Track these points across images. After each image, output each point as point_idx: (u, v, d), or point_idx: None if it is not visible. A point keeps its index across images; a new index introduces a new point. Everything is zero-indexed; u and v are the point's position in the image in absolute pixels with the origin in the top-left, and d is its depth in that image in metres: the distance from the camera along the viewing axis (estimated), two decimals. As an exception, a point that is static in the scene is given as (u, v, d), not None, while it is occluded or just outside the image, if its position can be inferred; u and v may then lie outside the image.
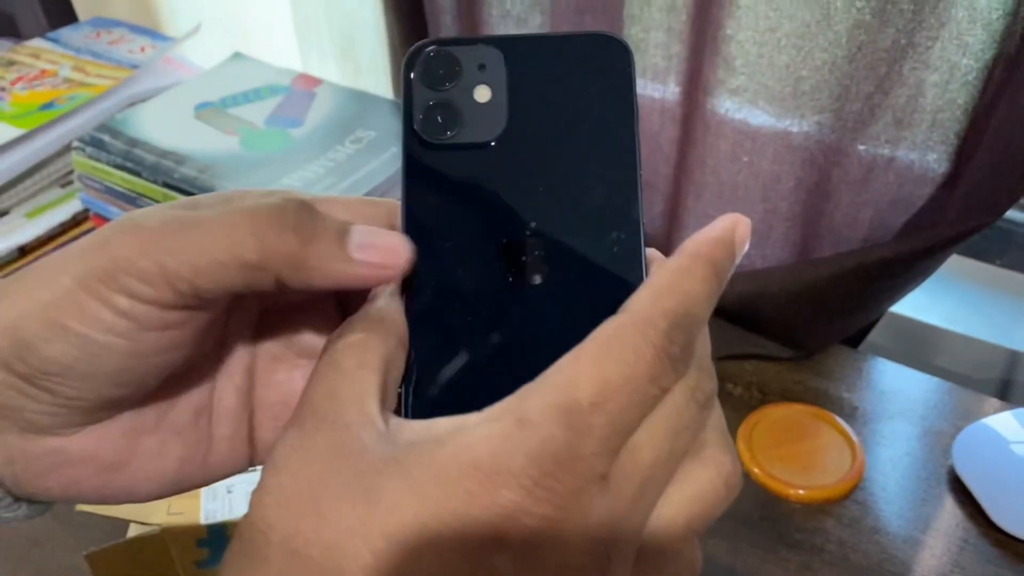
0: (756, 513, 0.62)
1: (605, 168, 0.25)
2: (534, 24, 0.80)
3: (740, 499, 0.62)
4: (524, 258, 0.25)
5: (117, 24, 1.02)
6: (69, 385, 0.23)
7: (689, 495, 0.22)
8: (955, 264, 0.84)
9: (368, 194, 0.73)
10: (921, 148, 0.68)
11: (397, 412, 0.23)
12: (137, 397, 0.25)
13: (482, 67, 0.26)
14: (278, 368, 0.28)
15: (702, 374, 0.22)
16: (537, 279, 0.24)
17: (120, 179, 0.78)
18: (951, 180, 0.67)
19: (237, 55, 0.93)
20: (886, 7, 0.61)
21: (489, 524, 0.19)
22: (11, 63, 0.96)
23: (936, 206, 0.68)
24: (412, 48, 0.26)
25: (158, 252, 0.22)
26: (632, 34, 0.75)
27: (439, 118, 0.26)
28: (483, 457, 0.19)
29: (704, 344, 0.23)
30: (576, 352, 0.21)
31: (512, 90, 0.26)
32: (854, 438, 0.66)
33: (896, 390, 0.71)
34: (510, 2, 0.79)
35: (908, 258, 0.62)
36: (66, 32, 1.02)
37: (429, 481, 0.19)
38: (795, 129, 0.68)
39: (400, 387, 0.23)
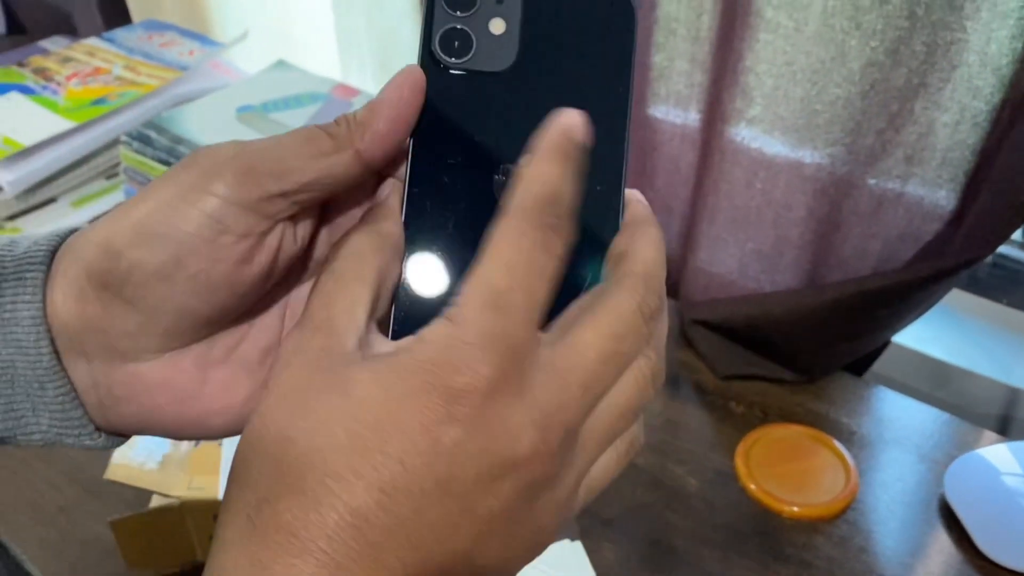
0: (749, 527, 0.65)
1: (599, 112, 0.27)
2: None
3: (735, 512, 0.65)
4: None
5: (169, 27, 1.08)
6: (152, 294, 0.26)
7: (624, 388, 0.26)
8: (963, 300, 0.86)
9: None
10: (931, 185, 0.70)
11: (386, 321, 0.26)
12: (211, 318, 0.28)
13: (500, 1, 0.28)
14: None
15: (649, 292, 0.26)
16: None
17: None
18: (957, 217, 0.69)
19: (280, 63, 0.97)
20: (899, 48, 0.64)
21: (442, 405, 0.22)
22: (67, 59, 1.01)
23: (941, 241, 0.70)
24: None
25: (249, 156, 0.26)
26: (657, 62, 0.78)
27: (455, 43, 0.28)
28: (435, 354, 0.23)
29: (656, 268, 0.26)
30: (480, 255, 0.24)
31: (524, 27, 0.28)
32: (849, 460, 0.68)
33: (894, 418, 0.73)
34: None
35: (907, 287, 0.64)
36: (120, 33, 1.07)
37: (393, 376, 0.23)
38: (808, 160, 0.71)
39: (392, 299, 0.26)
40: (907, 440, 0.71)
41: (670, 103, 0.80)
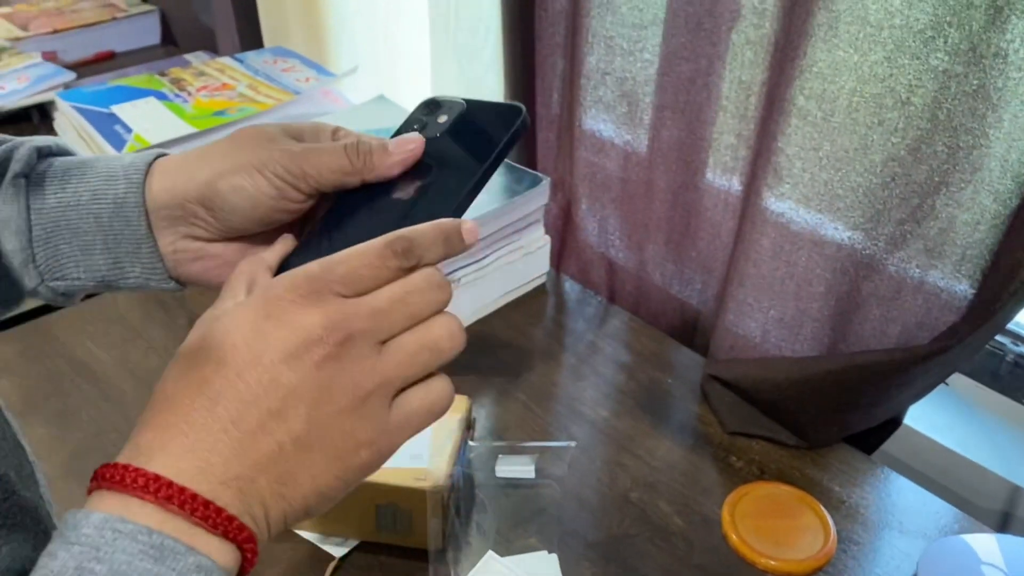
0: (722, 572, 0.69)
1: (456, 179, 0.45)
2: (620, 112, 0.90)
3: (712, 556, 0.70)
4: (395, 207, 0.45)
5: (293, 55, 1.21)
6: (230, 216, 0.47)
7: (422, 333, 0.39)
8: (982, 395, 0.87)
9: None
10: (950, 278, 0.73)
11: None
12: (255, 232, 0.49)
13: (450, 108, 0.49)
14: None
15: (400, 239, 0.38)
16: (390, 216, 0.44)
17: (260, 182, 0.94)
18: (972, 309, 0.73)
19: (381, 97, 1.08)
20: (920, 146, 0.68)
21: (261, 308, 0.36)
22: (202, 73, 1.15)
23: (954, 330, 0.73)
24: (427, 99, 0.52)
25: (302, 162, 0.46)
26: (710, 134, 0.85)
27: (415, 123, 0.50)
28: (267, 285, 0.38)
29: (420, 236, 0.39)
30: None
31: (455, 122, 0.48)
32: (831, 525, 0.71)
33: (886, 495, 0.76)
34: (603, 90, 0.90)
35: (899, 365, 0.68)
36: (250, 55, 1.21)
37: (247, 303, 0.38)
38: (830, 238, 0.76)
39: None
40: (893, 517, 0.74)
41: (717, 172, 0.86)
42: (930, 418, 0.85)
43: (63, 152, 0.51)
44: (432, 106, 0.50)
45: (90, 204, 0.48)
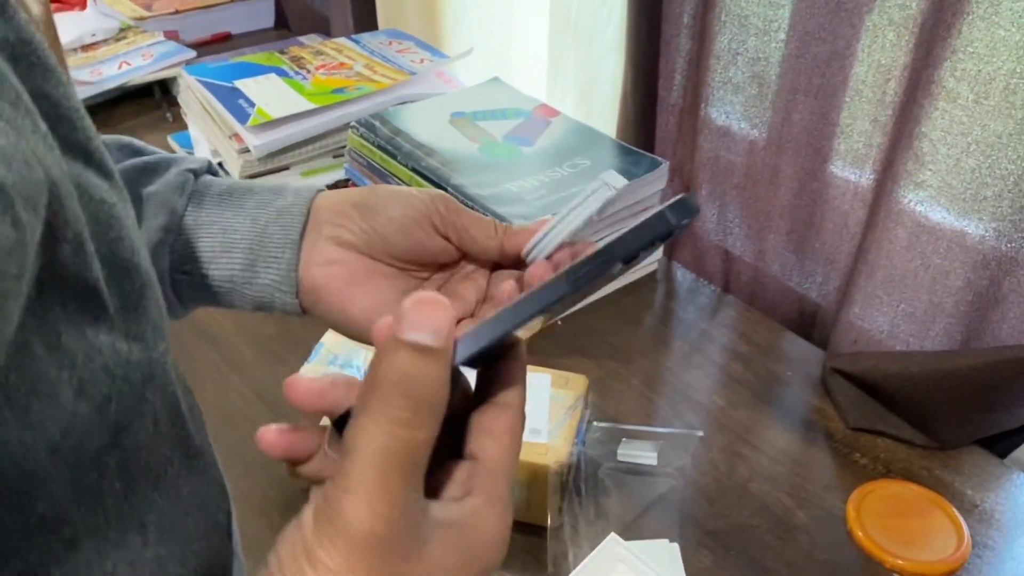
0: (848, 568, 0.67)
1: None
2: (750, 94, 0.88)
3: (836, 552, 0.67)
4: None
5: (408, 37, 1.22)
6: (377, 222, 0.47)
7: None
8: None
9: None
10: (1102, 277, 0.69)
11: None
12: (390, 260, 0.48)
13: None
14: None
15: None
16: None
17: (380, 158, 0.94)
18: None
19: (495, 79, 1.08)
20: (1082, 133, 0.65)
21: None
22: (320, 52, 1.17)
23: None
24: None
25: (456, 213, 0.47)
26: (842, 120, 0.82)
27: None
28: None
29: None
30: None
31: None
32: (964, 528, 0.68)
33: (1022, 502, 0.72)
34: (733, 71, 0.88)
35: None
36: (366, 36, 1.22)
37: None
38: (972, 230, 0.72)
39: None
40: (1032, 525, 0.70)
41: (847, 160, 0.83)
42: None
43: (214, 173, 0.53)
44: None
45: (252, 208, 0.50)
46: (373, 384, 0.29)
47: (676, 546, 0.66)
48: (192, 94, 1.09)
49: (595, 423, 0.71)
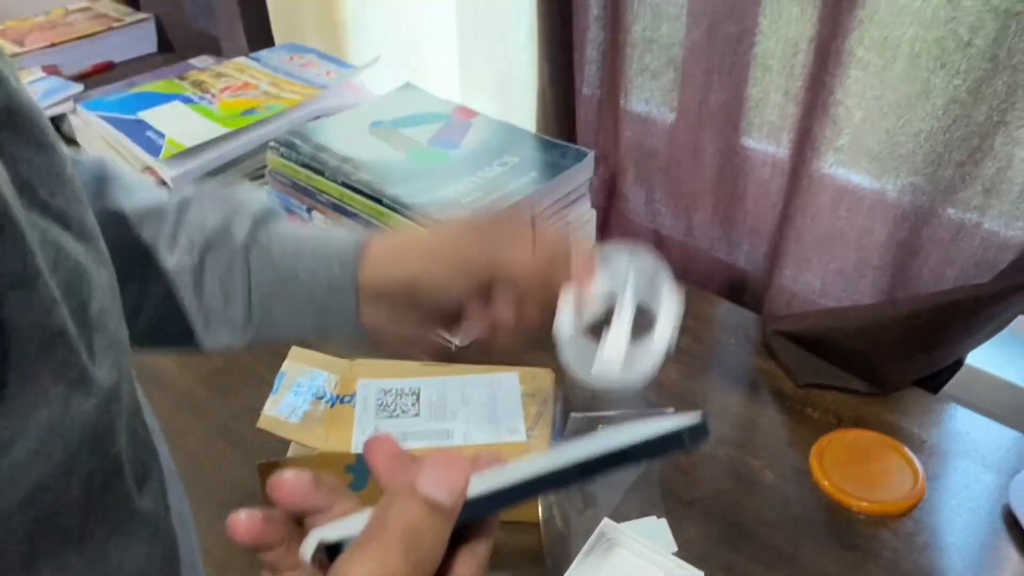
0: (820, 517, 0.70)
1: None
2: (667, 79, 0.91)
3: (807, 504, 0.71)
4: None
5: (308, 50, 1.20)
6: (426, 304, 0.53)
7: None
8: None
9: (510, 207, 0.85)
10: (1008, 216, 0.75)
11: None
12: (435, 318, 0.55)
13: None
14: None
15: None
16: None
17: (305, 176, 0.93)
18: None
19: (408, 85, 1.08)
20: (981, 87, 0.70)
21: None
22: (220, 75, 1.14)
23: (1016, 268, 0.75)
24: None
25: (502, 268, 0.51)
26: (753, 94, 0.86)
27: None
28: None
29: None
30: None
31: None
32: (918, 465, 0.73)
33: (963, 431, 0.78)
34: (649, 58, 0.91)
35: (980, 301, 0.70)
36: (265, 53, 1.20)
37: None
38: (890, 187, 0.77)
39: None
40: (975, 452, 0.75)
41: (764, 132, 0.87)
42: (991, 355, 0.87)
43: (273, 213, 0.56)
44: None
45: (306, 283, 0.54)
46: (379, 528, 0.30)
47: (664, 521, 0.68)
48: (93, 130, 1.04)
49: (572, 414, 0.72)
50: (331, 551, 0.32)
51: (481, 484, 0.32)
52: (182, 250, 0.53)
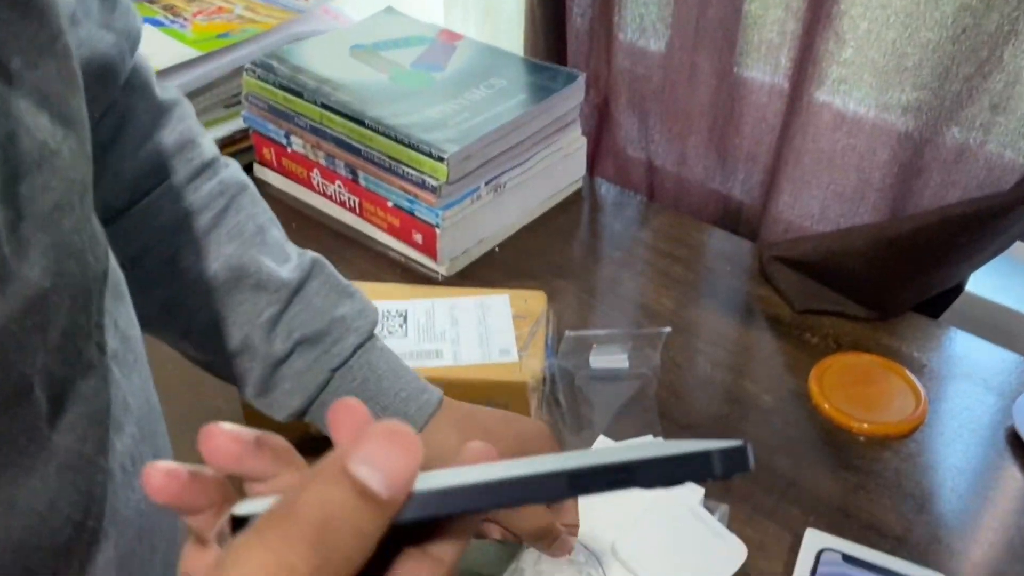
0: (821, 439, 0.68)
1: None
2: (663, 2, 0.88)
3: (807, 427, 0.69)
4: None
5: (284, -24, 1.14)
6: None
7: None
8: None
9: (496, 131, 0.82)
10: (1014, 135, 0.73)
11: None
12: None
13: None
14: None
15: None
16: None
17: (283, 99, 0.89)
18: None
19: (389, 9, 1.03)
20: (993, -6, 0.67)
21: None
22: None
23: (1021, 190, 0.73)
24: None
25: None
26: (751, 10, 0.83)
27: None
28: None
29: None
30: None
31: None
32: (920, 387, 0.71)
33: (964, 355, 0.76)
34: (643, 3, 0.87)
35: (987, 213, 0.67)
36: (239, -21, 1.14)
37: None
38: (893, 104, 0.74)
39: None
40: (976, 375, 0.74)
41: (761, 52, 0.84)
42: (989, 281, 0.86)
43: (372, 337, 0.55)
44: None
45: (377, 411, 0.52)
46: (287, 510, 0.21)
47: (661, 440, 0.66)
48: (57, 53, 0.99)
49: (568, 332, 0.69)
50: (238, 527, 0.24)
51: (445, 478, 0.24)
52: (280, 339, 0.52)
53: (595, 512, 0.57)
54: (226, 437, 0.25)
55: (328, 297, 0.53)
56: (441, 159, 0.78)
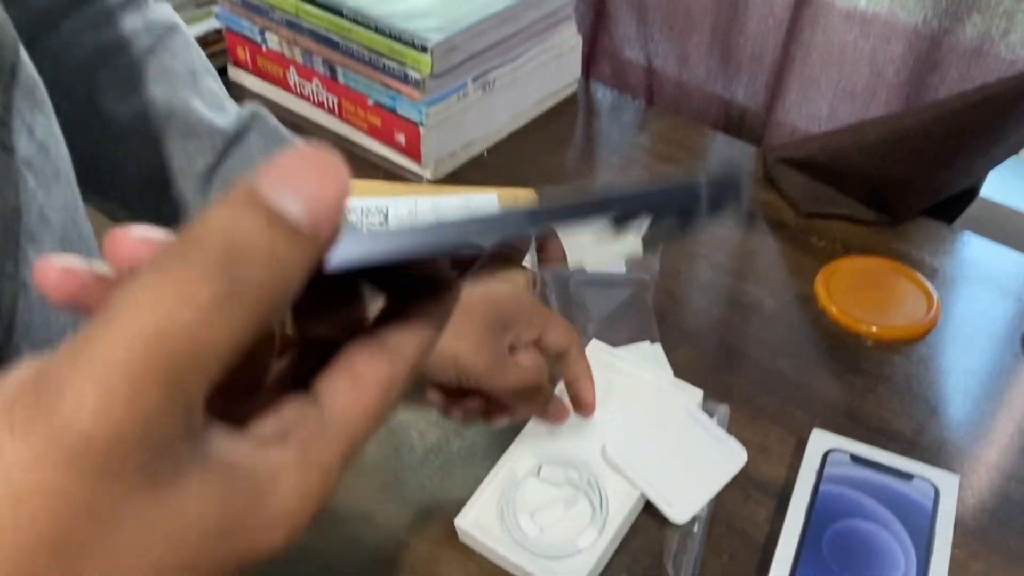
0: (828, 343, 0.65)
1: None
2: None
3: (812, 330, 0.65)
4: None
5: None
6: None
7: None
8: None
9: (483, 20, 0.76)
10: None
11: None
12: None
13: None
14: None
15: None
16: None
17: (257, -10, 0.83)
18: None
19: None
20: None
21: None
22: None
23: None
24: None
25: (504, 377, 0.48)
26: None
27: None
28: None
29: None
30: None
31: None
32: (932, 291, 0.67)
33: (978, 259, 0.72)
34: None
35: (1011, 95, 0.62)
36: None
37: None
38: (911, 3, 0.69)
39: None
40: (990, 279, 0.70)
41: (770, -62, 0.78)
42: (1004, 187, 0.81)
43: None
44: None
45: None
46: (184, 242, 0.17)
47: (658, 346, 0.62)
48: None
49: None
50: None
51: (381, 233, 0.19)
52: (217, 194, 0.46)
53: (585, 426, 0.54)
54: (136, 240, 0.20)
55: (270, 150, 0.48)
56: (425, 49, 0.72)
